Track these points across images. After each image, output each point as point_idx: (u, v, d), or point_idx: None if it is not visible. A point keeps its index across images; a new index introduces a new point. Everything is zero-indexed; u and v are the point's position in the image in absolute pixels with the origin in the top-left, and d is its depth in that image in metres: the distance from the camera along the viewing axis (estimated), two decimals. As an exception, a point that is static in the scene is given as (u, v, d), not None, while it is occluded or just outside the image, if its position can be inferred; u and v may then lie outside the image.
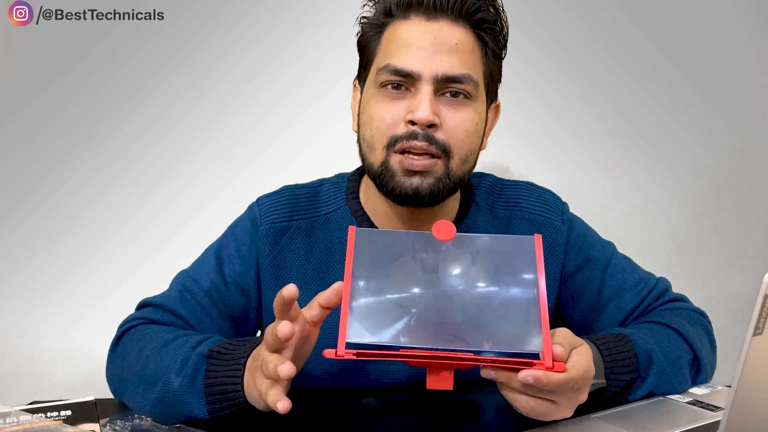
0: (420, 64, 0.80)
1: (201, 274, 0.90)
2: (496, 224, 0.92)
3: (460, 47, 0.81)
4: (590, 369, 0.67)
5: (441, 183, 0.81)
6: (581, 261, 0.93)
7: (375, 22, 0.86)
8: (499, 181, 0.97)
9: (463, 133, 0.82)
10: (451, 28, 0.81)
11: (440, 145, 0.80)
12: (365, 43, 0.87)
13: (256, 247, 0.89)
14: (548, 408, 0.64)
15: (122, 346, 0.83)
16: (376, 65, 0.84)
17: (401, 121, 0.81)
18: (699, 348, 0.84)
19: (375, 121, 0.82)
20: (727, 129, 1.47)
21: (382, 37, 0.85)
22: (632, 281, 0.92)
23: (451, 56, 0.80)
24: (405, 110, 0.80)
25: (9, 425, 0.61)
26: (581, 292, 0.93)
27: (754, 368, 0.50)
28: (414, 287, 0.65)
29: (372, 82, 0.84)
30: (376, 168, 0.83)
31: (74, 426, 0.63)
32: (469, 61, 0.82)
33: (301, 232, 0.89)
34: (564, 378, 0.62)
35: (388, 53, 0.82)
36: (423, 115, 0.78)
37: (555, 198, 0.96)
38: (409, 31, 0.82)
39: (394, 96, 0.81)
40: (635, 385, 0.77)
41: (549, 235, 0.92)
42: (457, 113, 0.81)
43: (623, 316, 0.91)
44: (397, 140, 0.80)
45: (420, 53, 0.80)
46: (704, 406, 0.76)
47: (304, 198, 0.92)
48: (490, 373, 0.63)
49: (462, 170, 0.84)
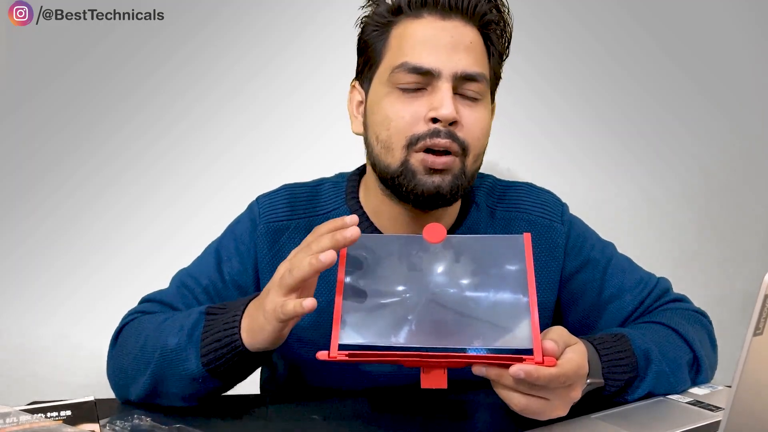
0: (439, 61, 0.79)
1: (200, 271, 0.90)
2: (495, 225, 0.92)
3: (473, 47, 0.81)
4: (583, 366, 0.66)
5: (459, 180, 0.81)
6: (581, 262, 0.92)
7: (380, 21, 0.85)
8: (498, 182, 0.97)
9: (479, 131, 0.82)
10: (464, 28, 0.81)
11: (461, 143, 0.80)
12: (369, 43, 0.86)
13: (255, 246, 0.89)
14: (541, 405, 0.64)
15: (121, 338, 0.83)
16: (388, 64, 0.82)
17: (421, 120, 0.79)
18: (699, 348, 0.84)
19: (393, 120, 0.80)
20: (728, 129, 1.47)
21: (389, 36, 0.84)
22: (632, 282, 0.92)
23: (468, 54, 0.80)
24: (425, 108, 0.79)
25: (9, 425, 0.61)
26: (581, 293, 0.92)
27: (754, 368, 0.50)
28: (405, 289, 0.66)
29: (384, 82, 0.82)
30: (395, 168, 0.81)
31: (74, 426, 0.63)
32: (481, 61, 0.82)
33: (300, 232, 0.89)
34: (555, 373, 0.62)
35: (402, 51, 0.81)
36: (447, 111, 0.77)
37: (555, 199, 0.96)
38: (425, 29, 0.81)
39: (411, 95, 0.80)
40: (634, 385, 0.77)
41: (549, 236, 0.91)
42: (473, 111, 0.81)
43: (624, 317, 0.91)
44: (419, 139, 0.79)
45: (439, 50, 0.79)
46: (704, 406, 0.76)
47: (304, 197, 0.92)
48: (482, 369, 0.62)
49: (474, 168, 0.84)
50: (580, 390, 0.67)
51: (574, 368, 0.64)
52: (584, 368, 0.67)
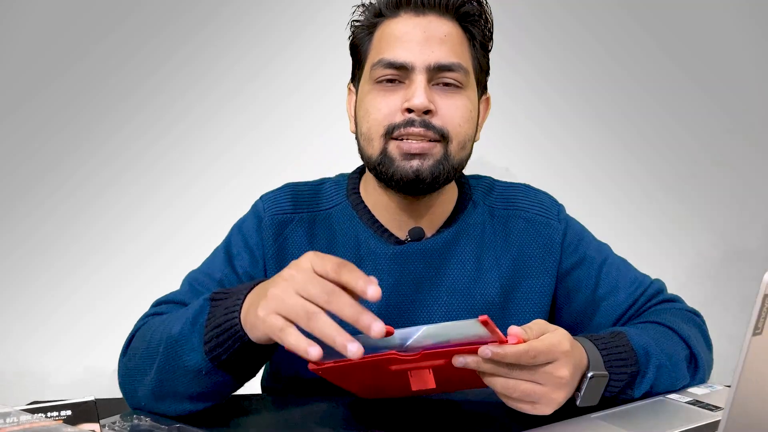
0: (412, 55, 0.83)
1: (212, 268, 0.90)
2: (494, 222, 0.92)
3: (449, 39, 0.85)
4: (562, 343, 0.66)
5: (441, 165, 0.84)
6: (577, 259, 0.93)
7: (365, 24, 0.89)
8: (496, 182, 0.99)
9: (459, 118, 0.85)
10: (439, 21, 0.85)
11: (438, 130, 0.83)
12: (357, 46, 0.90)
13: (262, 240, 0.90)
14: (531, 389, 0.64)
15: (132, 344, 0.81)
16: (370, 62, 0.87)
17: (397, 111, 0.83)
18: (695, 345, 0.84)
19: (372, 113, 0.85)
20: (728, 129, 1.47)
21: (373, 37, 0.88)
22: (627, 281, 0.93)
23: (441, 47, 0.84)
24: (401, 100, 0.83)
25: (9, 425, 0.61)
26: (576, 290, 0.93)
27: (754, 368, 0.50)
28: None
29: (366, 80, 0.87)
30: (375, 157, 0.85)
31: (74, 426, 0.63)
32: (458, 51, 0.85)
33: (303, 224, 0.90)
34: (523, 348, 0.62)
35: (380, 49, 0.85)
36: (419, 101, 0.81)
37: (551, 199, 0.97)
38: (400, 27, 0.85)
39: (389, 89, 0.84)
40: (637, 381, 0.77)
41: (546, 233, 0.92)
42: (451, 100, 0.84)
43: (617, 315, 0.92)
44: (394, 128, 0.83)
45: (412, 45, 0.83)
46: (704, 406, 0.76)
47: (306, 194, 0.94)
48: (462, 360, 0.63)
49: (460, 156, 0.86)
50: (566, 369, 0.66)
51: (547, 345, 0.64)
52: (563, 345, 0.66)
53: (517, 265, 0.90)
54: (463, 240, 0.89)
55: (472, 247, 0.89)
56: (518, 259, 0.90)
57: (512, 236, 0.91)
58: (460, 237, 0.89)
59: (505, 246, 0.91)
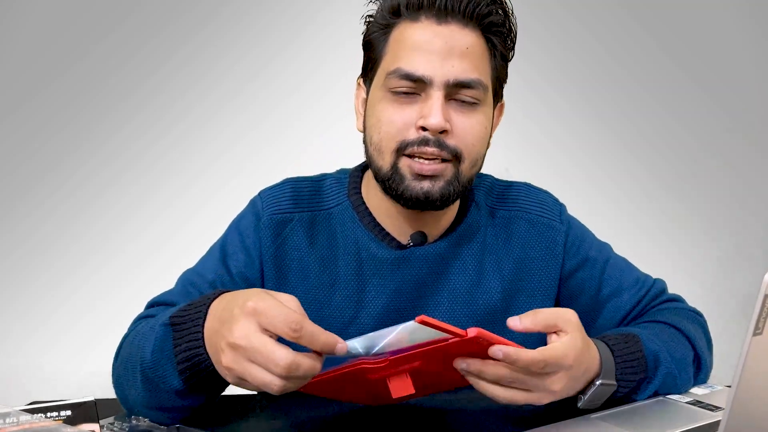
0: (431, 68, 0.79)
1: (205, 268, 0.89)
2: (495, 224, 0.92)
3: (470, 51, 0.81)
4: (567, 357, 0.65)
5: (451, 186, 0.81)
6: (580, 260, 0.93)
7: (381, 22, 0.84)
8: (497, 182, 0.97)
9: (474, 138, 0.81)
10: (461, 32, 0.80)
11: (451, 151, 0.80)
12: (372, 43, 0.85)
13: (259, 239, 0.89)
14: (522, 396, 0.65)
15: (122, 351, 0.81)
16: (385, 68, 0.82)
17: (411, 126, 0.80)
18: (700, 347, 0.84)
19: (384, 125, 0.81)
20: (727, 128, 1.47)
21: (389, 38, 0.83)
22: (630, 281, 0.93)
23: (462, 61, 0.79)
24: (416, 115, 0.79)
25: (9, 425, 0.61)
26: (580, 291, 0.93)
27: (754, 368, 0.50)
28: None
29: (380, 85, 0.83)
30: (385, 172, 0.82)
31: (74, 426, 0.63)
32: (479, 66, 0.81)
33: (303, 225, 0.89)
34: (537, 357, 0.62)
35: (397, 56, 0.81)
36: (435, 121, 0.78)
37: (553, 199, 0.96)
38: (420, 34, 0.80)
39: (404, 100, 0.80)
40: (642, 386, 0.77)
41: (548, 234, 0.92)
42: (467, 119, 0.81)
43: (621, 316, 0.91)
44: (407, 145, 0.79)
45: (431, 57, 0.79)
46: (704, 406, 0.76)
47: (307, 191, 0.92)
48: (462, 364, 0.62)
49: (471, 173, 0.84)
50: (561, 383, 0.66)
51: (557, 357, 0.64)
52: (568, 360, 0.66)
53: (520, 268, 0.89)
54: (465, 244, 0.89)
55: (473, 252, 0.88)
56: (520, 261, 0.89)
57: (514, 238, 0.90)
58: (462, 241, 0.89)
59: (507, 249, 0.90)
